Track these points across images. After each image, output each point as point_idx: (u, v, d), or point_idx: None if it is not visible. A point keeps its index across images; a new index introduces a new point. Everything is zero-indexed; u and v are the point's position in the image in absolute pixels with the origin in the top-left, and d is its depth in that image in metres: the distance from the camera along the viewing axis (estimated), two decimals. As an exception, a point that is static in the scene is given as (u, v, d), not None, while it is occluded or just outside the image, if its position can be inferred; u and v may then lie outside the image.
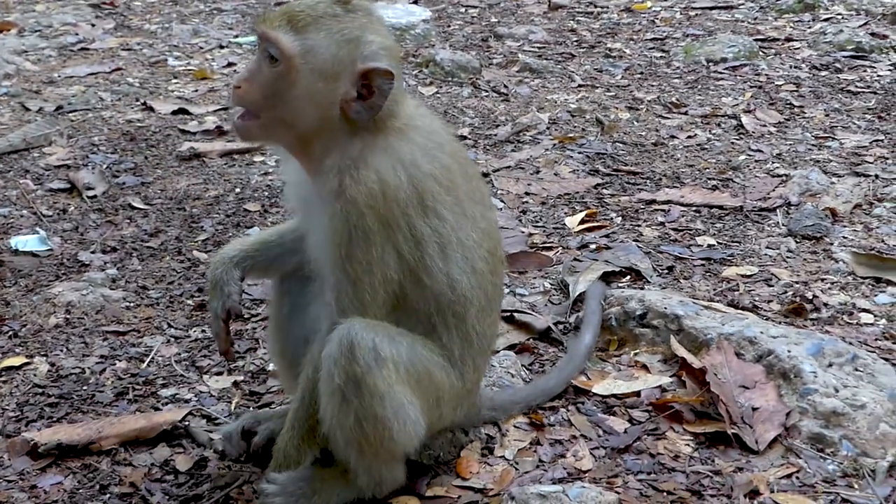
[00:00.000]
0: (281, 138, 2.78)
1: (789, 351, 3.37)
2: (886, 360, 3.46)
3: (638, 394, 3.42)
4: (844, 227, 4.67)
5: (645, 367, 3.58)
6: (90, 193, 5.25)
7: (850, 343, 3.55)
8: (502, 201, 5.03)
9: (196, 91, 6.93)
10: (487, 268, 2.88)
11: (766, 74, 7.06)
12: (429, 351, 2.78)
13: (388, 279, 2.69)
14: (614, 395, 3.43)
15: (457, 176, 2.80)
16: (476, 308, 2.85)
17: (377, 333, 2.65)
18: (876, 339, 3.70)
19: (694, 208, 4.91)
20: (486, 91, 6.83)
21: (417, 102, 2.94)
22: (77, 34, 8.50)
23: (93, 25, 8.84)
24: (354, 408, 2.64)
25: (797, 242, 4.52)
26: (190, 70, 7.45)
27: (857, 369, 3.32)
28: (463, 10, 9.30)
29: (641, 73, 7.22)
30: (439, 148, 2.78)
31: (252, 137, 2.83)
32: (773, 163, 5.47)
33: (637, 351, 3.68)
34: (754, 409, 3.25)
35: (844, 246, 4.47)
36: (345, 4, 2.68)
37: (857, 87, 6.76)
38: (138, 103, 6.68)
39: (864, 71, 7.11)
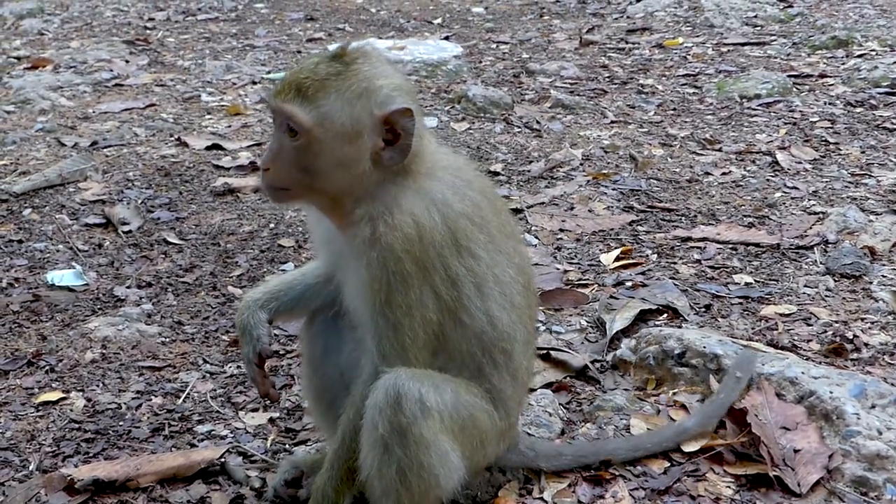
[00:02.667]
0: (314, 201, 2.77)
1: (831, 392, 3.32)
2: (930, 401, 3.40)
3: (677, 434, 3.37)
4: (883, 265, 4.62)
5: (684, 407, 3.54)
6: (125, 228, 5.28)
7: (893, 384, 3.50)
8: (537, 237, 5.02)
9: (229, 127, 6.97)
10: (525, 302, 2.87)
11: (801, 111, 7.03)
12: (472, 396, 2.76)
13: (427, 321, 2.68)
14: (653, 436, 3.38)
15: (487, 212, 2.79)
16: (521, 343, 2.85)
17: (423, 383, 2.63)
18: (919, 380, 3.65)
19: (730, 246, 4.87)
20: (519, 127, 6.83)
21: (436, 141, 2.93)
22: (111, 70, 8.60)
23: (127, 62, 8.94)
24: (398, 458, 2.62)
25: (836, 281, 4.48)
26: (223, 106, 7.50)
27: (900, 411, 3.27)
28: (494, 45, 9.33)
29: (674, 109, 7.21)
30: (468, 185, 2.77)
31: (286, 205, 2.86)
32: (809, 200, 5.43)
33: (676, 390, 3.64)
34: (796, 451, 3.20)
35: (884, 285, 4.42)
36: (342, 59, 2.65)
37: (892, 123, 6.71)
38: (172, 139, 6.73)
39: (900, 107, 7.08)
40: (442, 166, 2.76)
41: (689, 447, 3.27)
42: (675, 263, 4.70)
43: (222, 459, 3.29)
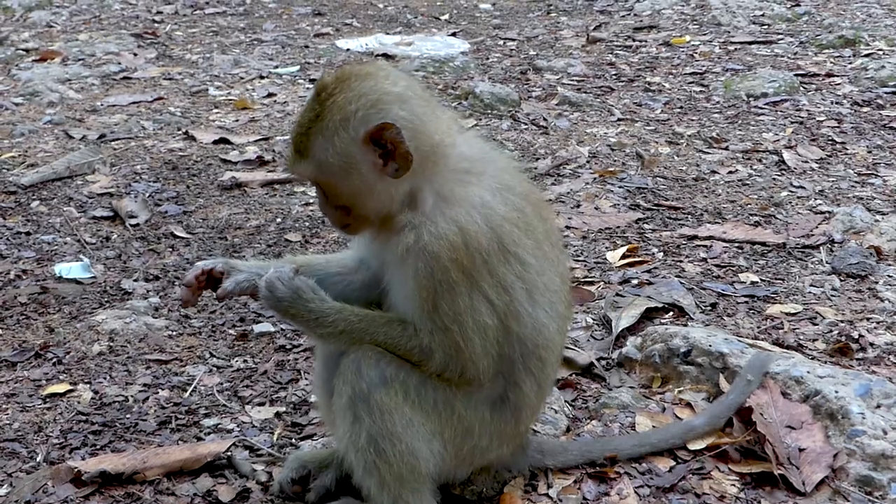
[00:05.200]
0: (369, 225, 2.80)
1: (836, 391, 3.33)
2: (936, 402, 3.41)
3: (683, 432, 3.38)
4: (889, 265, 4.63)
5: (689, 406, 3.55)
6: (133, 221, 5.29)
7: (898, 384, 3.51)
8: (543, 235, 5.02)
9: (237, 121, 6.99)
10: (567, 313, 2.89)
11: (808, 110, 7.03)
12: (444, 384, 2.76)
13: (482, 325, 2.67)
14: (658, 433, 3.39)
15: (532, 218, 2.77)
16: (556, 354, 2.88)
17: (384, 357, 2.69)
18: (924, 381, 3.65)
19: (736, 244, 4.88)
20: (526, 124, 6.84)
21: (472, 133, 2.92)
22: (120, 63, 8.61)
23: (135, 55, 8.96)
24: (367, 425, 2.67)
25: (841, 280, 4.48)
26: (231, 100, 7.52)
27: (905, 411, 3.28)
28: (501, 42, 9.34)
29: (681, 107, 7.22)
30: (509, 189, 2.74)
31: (359, 236, 2.93)
32: (815, 199, 5.44)
33: (681, 389, 3.65)
34: (801, 450, 3.21)
35: (890, 285, 4.42)
36: (320, 97, 2.66)
37: (899, 123, 6.72)
38: (180, 132, 6.75)
39: (907, 107, 7.08)
40: (478, 170, 2.74)
41: (695, 445, 3.28)
42: (681, 262, 4.71)
43: (229, 453, 3.30)
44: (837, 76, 7.85)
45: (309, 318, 2.74)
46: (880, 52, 8.40)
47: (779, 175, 5.84)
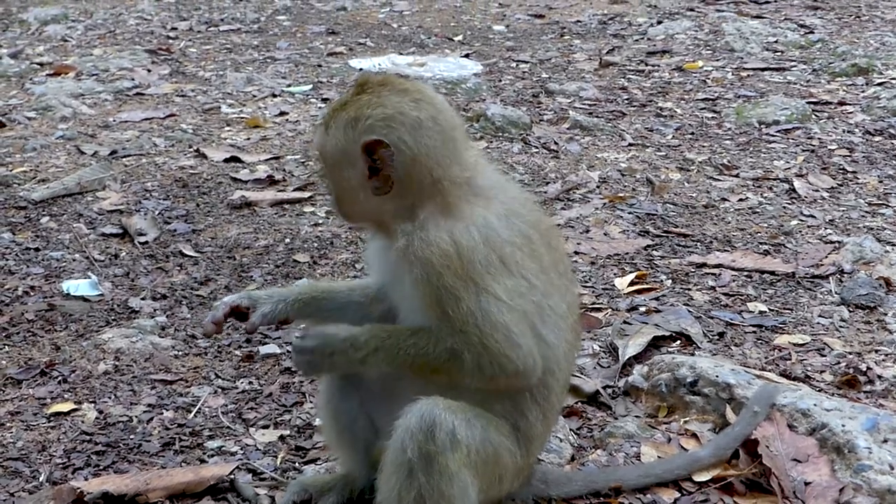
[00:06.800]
0: (360, 224, 2.91)
1: (843, 425, 3.31)
2: (944, 437, 3.38)
3: (688, 464, 3.36)
4: (899, 297, 4.61)
5: (695, 436, 3.53)
6: (142, 239, 5.30)
7: (906, 419, 3.48)
8: (551, 260, 5.01)
9: (248, 139, 7.00)
10: (574, 343, 2.90)
11: (819, 138, 7.01)
12: (500, 434, 2.77)
13: (499, 324, 2.65)
14: (663, 464, 3.37)
15: (539, 246, 2.78)
16: (561, 383, 2.88)
17: (457, 416, 2.66)
18: (932, 416, 3.63)
19: (745, 273, 4.86)
20: (537, 147, 6.84)
21: (492, 168, 2.92)
22: (133, 79, 8.65)
23: (148, 71, 8.99)
24: (420, 484, 2.63)
25: (850, 312, 4.46)
26: (242, 118, 7.53)
27: (913, 447, 3.25)
28: (514, 64, 9.34)
29: (692, 133, 7.21)
30: (516, 215, 2.75)
31: (349, 226, 2.98)
32: (825, 229, 5.42)
33: (687, 419, 3.63)
34: (807, 484, 3.18)
35: (899, 317, 4.41)
36: (356, 89, 2.74)
37: (911, 153, 6.70)
38: (191, 150, 6.76)
39: (919, 137, 7.06)
40: (488, 195, 2.75)
41: (701, 477, 3.26)
42: (689, 289, 4.69)
43: (232, 476, 3.29)
44: (850, 104, 7.83)
45: (344, 346, 2.74)
46: (893, 81, 8.37)
47: (789, 203, 5.83)
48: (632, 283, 4.75)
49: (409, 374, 2.75)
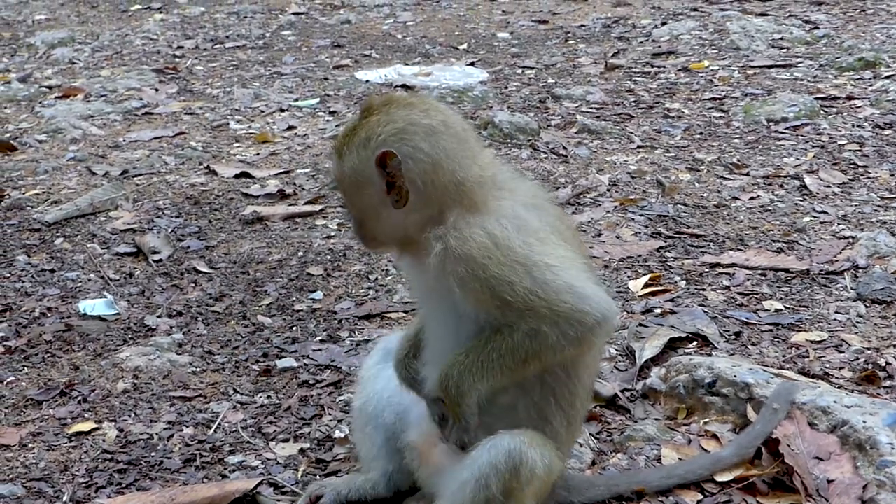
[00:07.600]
0: (386, 247, 2.95)
1: (864, 421, 3.30)
2: (965, 430, 3.37)
3: (709, 464, 3.36)
4: (915, 290, 4.59)
5: (715, 437, 3.52)
6: (156, 257, 5.32)
7: (927, 413, 3.47)
8: (565, 265, 5.01)
9: (258, 154, 7.02)
10: (602, 346, 2.91)
11: (829, 134, 7.00)
12: (554, 457, 2.79)
13: (561, 288, 2.63)
14: (685, 466, 3.37)
15: (569, 239, 2.80)
16: (587, 388, 2.91)
17: (537, 452, 2.69)
18: (953, 408, 3.61)
19: (759, 272, 4.85)
20: (545, 153, 6.84)
21: (507, 167, 2.93)
22: (141, 99, 8.68)
23: (156, 90, 9.02)
24: None
25: (867, 307, 4.45)
26: (251, 133, 7.56)
27: (934, 441, 3.24)
28: (520, 71, 9.35)
29: (701, 133, 7.20)
30: (541, 209, 2.77)
31: (374, 251, 3.00)
32: (838, 224, 5.40)
33: (707, 420, 3.63)
34: (829, 482, 3.18)
35: (916, 310, 4.39)
36: (362, 114, 2.76)
37: (921, 146, 6.68)
38: (201, 167, 6.79)
39: (929, 130, 7.04)
40: (511, 188, 2.77)
41: (723, 477, 3.26)
42: (703, 290, 4.69)
43: (255, 490, 3.30)
44: (858, 99, 7.81)
45: (460, 382, 2.70)
46: (901, 74, 8.37)
47: (801, 200, 5.81)
48: (646, 286, 4.74)
49: (507, 381, 2.71)
